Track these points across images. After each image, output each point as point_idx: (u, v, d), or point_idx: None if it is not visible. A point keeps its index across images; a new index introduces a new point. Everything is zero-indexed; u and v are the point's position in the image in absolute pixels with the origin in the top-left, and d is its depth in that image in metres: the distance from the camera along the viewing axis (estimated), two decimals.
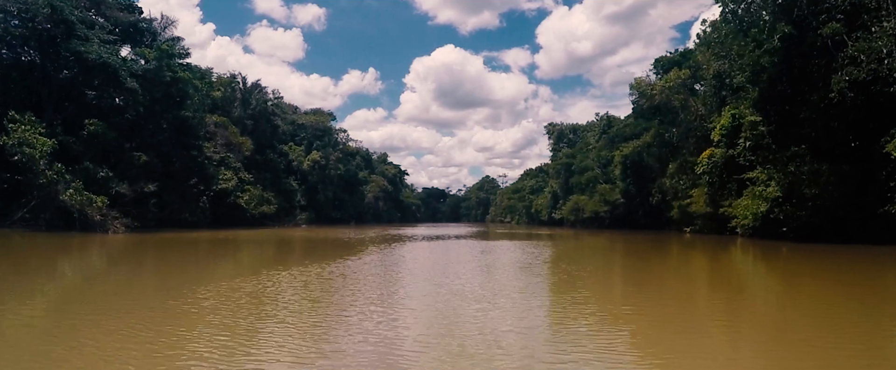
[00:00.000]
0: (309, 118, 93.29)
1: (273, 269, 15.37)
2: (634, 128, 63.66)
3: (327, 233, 47.44)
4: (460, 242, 32.48)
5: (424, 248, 26.04)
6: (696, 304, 11.01)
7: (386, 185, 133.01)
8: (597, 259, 22.75)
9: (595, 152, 78.32)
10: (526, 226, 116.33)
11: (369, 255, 21.24)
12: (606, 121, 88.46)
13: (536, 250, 25.26)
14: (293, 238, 36.68)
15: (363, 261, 18.67)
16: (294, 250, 26.00)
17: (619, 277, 15.92)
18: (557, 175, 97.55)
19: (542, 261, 19.50)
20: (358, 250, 23.78)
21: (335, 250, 24.49)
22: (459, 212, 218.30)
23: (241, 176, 60.42)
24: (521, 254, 23.02)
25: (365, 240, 33.46)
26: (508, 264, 18.10)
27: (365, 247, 25.98)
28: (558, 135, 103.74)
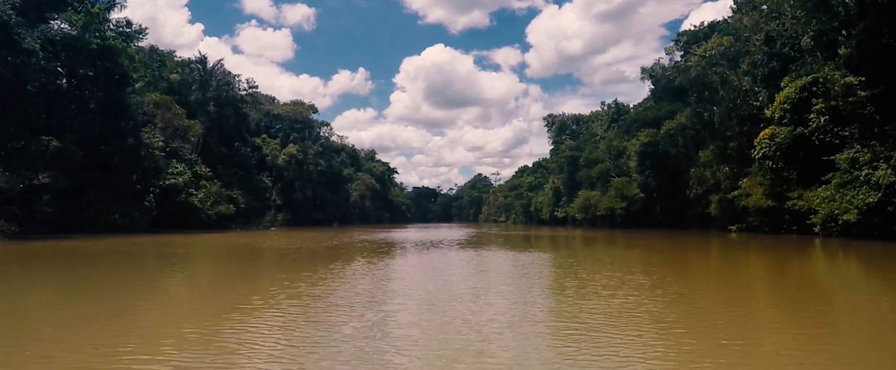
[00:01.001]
0: (286, 108, 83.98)
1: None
2: (655, 112, 55.13)
3: (298, 238, 38.42)
4: (467, 254, 23.52)
5: (420, 267, 17.07)
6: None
7: (373, 183, 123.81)
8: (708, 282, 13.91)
9: (605, 143, 69.79)
10: (523, 225, 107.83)
11: (333, 281, 12.29)
12: (615, 108, 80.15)
13: (589, 265, 16.40)
14: (243, 247, 27.59)
15: (322, 291, 9.70)
16: (217, 269, 16.98)
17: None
18: (560, 170, 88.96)
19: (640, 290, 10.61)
20: (320, 272, 14.84)
21: (283, 270, 15.58)
22: (451, 211, 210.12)
23: (198, 170, 51.12)
24: (563, 270, 14.14)
25: (339, 250, 24.50)
26: (561, 297, 9.20)
27: (332, 264, 17.06)
28: (559, 126, 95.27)
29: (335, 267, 15.78)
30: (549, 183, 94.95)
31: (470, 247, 26.88)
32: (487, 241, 33.09)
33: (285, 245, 27.87)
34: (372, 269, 15.19)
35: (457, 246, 27.42)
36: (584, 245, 29.15)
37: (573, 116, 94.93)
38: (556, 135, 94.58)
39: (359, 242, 30.99)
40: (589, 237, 38.46)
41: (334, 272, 14.28)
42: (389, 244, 29.11)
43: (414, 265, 17.03)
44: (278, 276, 13.44)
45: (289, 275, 13.68)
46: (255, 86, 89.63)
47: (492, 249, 24.62)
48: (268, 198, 75.20)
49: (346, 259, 18.99)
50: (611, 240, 34.94)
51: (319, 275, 13.63)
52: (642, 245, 28.07)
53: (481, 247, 26.97)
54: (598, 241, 33.29)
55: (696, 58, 42.18)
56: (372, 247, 25.98)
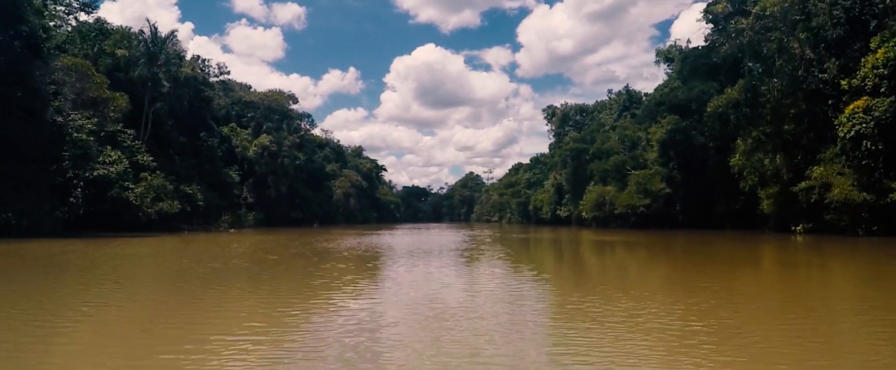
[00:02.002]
0: (259, 96, 74.99)
1: None
2: (686, 92, 47.02)
3: (253, 243, 29.90)
4: (488, 282, 15.27)
5: (416, 323, 8.38)
6: None
7: (359, 180, 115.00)
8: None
9: (617, 132, 61.69)
10: (520, 225, 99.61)
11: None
12: (626, 96, 72.19)
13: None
14: (151, 259, 19.05)
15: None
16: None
17: None
18: (563, 164, 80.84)
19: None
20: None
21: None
22: (441, 211, 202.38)
23: (140, 159, 42.24)
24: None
25: (281, 265, 16.09)
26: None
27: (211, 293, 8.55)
28: (562, 117, 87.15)
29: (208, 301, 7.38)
30: (550, 179, 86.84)
31: (480, 260, 18.57)
32: (497, 249, 24.75)
33: (257, 254, 19.40)
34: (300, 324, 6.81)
35: (461, 259, 19.08)
36: (650, 257, 20.95)
37: (577, 106, 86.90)
38: (557, 126, 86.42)
39: (326, 249, 22.52)
40: (629, 242, 30.13)
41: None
42: (367, 255, 20.66)
43: (403, 310, 8.69)
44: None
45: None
46: (228, 71, 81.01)
47: (518, 269, 16.35)
48: (237, 195, 66.28)
49: (270, 284, 10.61)
50: (668, 247, 26.74)
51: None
52: (739, 259, 19.87)
53: (496, 260, 18.66)
54: (656, 249, 25.01)
55: (750, 20, 33.95)
56: (341, 258, 17.58)
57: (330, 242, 29.34)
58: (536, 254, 22.18)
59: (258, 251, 22.63)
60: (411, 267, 15.77)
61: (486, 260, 18.65)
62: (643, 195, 49.23)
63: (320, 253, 21.16)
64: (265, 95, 74.70)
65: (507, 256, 20.34)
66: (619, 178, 57.26)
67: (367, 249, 23.33)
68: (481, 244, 28.56)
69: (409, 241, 31.27)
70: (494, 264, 17.00)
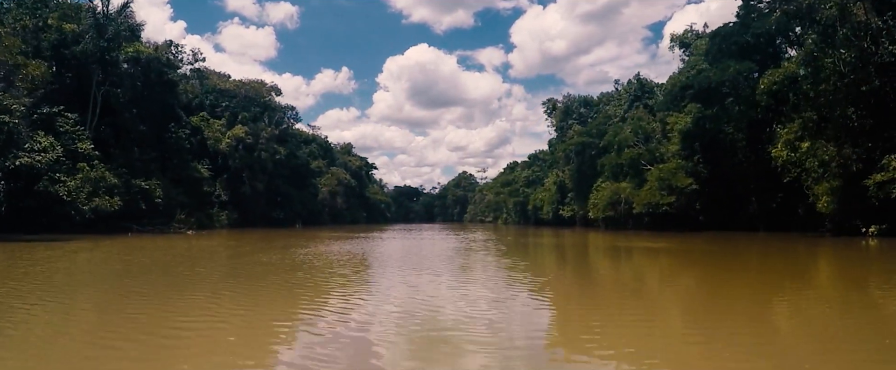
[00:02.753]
0: (234, 83, 68.37)
1: None
2: (718, 74, 41.12)
3: (200, 248, 23.76)
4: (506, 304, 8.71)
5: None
6: None
7: (348, 178, 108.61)
8: None
9: (631, 123, 55.78)
10: (518, 226, 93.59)
11: None
12: (637, 85, 66.36)
13: None
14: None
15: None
16: None
17: None
18: (567, 160, 74.96)
19: None
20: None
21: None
22: (434, 211, 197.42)
23: (80, 147, 35.73)
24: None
25: (213, 281, 9.85)
26: None
27: None
28: (564, 110, 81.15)
29: None
30: (552, 177, 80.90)
31: (497, 283, 12.48)
32: (510, 261, 18.69)
33: (91, 267, 13.12)
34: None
35: (467, 281, 12.98)
36: (732, 278, 15.00)
37: (581, 98, 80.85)
38: (560, 120, 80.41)
39: (283, 261, 16.32)
40: (663, 249, 24.15)
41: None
42: (334, 271, 14.48)
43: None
44: None
45: None
46: (203, 58, 74.33)
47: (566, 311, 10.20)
48: (208, 192, 59.78)
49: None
50: (732, 257, 20.80)
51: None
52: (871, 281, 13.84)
53: (522, 285, 12.58)
54: (717, 260, 19.03)
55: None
56: (287, 278, 11.44)
57: (302, 248, 23.19)
58: (583, 283, 16.16)
59: (185, 262, 16.41)
60: (395, 287, 9.63)
61: (504, 281, 12.54)
62: (667, 192, 43.25)
63: (270, 266, 14.97)
64: (241, 83, 68.11)
65: (529, 273, 14.28)
66: (635, 174, 51.36)
67: (340, 259, 17.19)
68: (487, 253, 22.50)
69: (397, 249, 25.16)
70: (517, 287, 10.93)
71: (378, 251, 22.72)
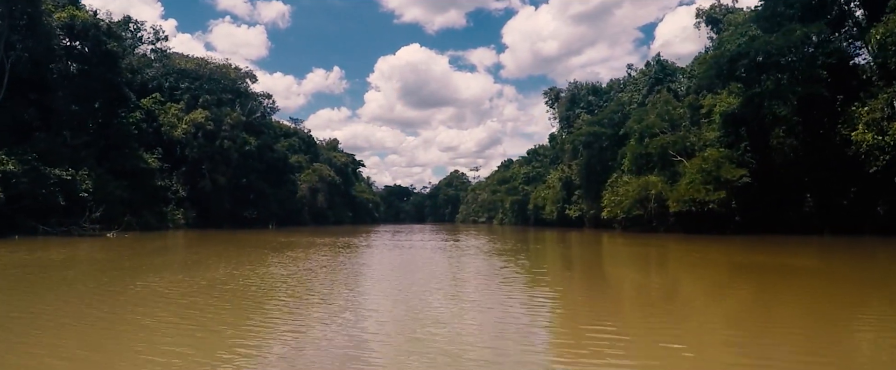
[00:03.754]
0: (196, 62, 59.35)
1: None
2: (781, 41, 33.19)
3: (42, 265, 15.41)
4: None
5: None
6: None
7: (332, 175, 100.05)
8: None
9: (658, 107, 47.85)
10: (515, 227, 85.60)
11: None
12: (658, 67, 58.47)
13: None
14: None
15: None
16: None
17: None
18: (574, 154, 66.94)
19: None
20: None
21: None
22: (425, 211, 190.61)
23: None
24: None
25: None
26: None
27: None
28: (570, 99, 73.15)
29: None
30: (556, 173, 72.86)
31: None
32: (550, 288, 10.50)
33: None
34: None
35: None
36: None
37: (589, 86, 72.82)
38: (566, 108, 72.32)
39: (207, 280, 7.98)
40: (819, 270, 16.15)
41: None
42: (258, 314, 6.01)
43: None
44: None
45: None
46: (165, 37, 65.84)
47: None
48: (161, 186, 51.08)
49: None
50: None
51: None
52: None
53: None
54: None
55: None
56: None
57: (245, 263, 14.94)
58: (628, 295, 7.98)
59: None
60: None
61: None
62: (713, 187, 35.29)
63: (132, 303, 6.70)
64: (204, 62, 59.23)
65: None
66: (663, 166, 43.45)
67: (281, 287, 9.01)
68: (516, 270, 14.39)
69: (380, 263, 16.96)
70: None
71: (353, 269, 14.57)
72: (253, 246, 26.04)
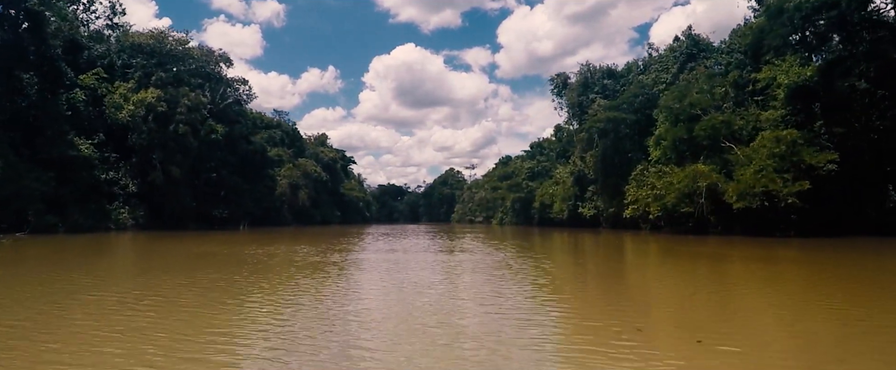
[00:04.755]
0: (152, 36, 50.62)
1: None
2: None
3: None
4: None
5: None
6: None
7: (318, 171, 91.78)
8: None
9: (699, 83, 39.92)
10: (518, 227, 77.57)
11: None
12: (690, 42, 50.53)
13: None
14: None
15: None
16: None
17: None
18: (589, 144, 58.94)
19: None
20: None
21: None
22: (419, 210, 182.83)
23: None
24: None
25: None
26: None
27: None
28: (582, 84, 65.10)
29: None
30: (565, 167, 64.85)
31: None
32: None
33: None
34: None
35: None
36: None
37: (603, 69, 64.78)
38: (578, 94, 64.23)
39: None
40: None
41: None
42: None
43: None
44: None
45: None
46: (123, 11, 57.42)
47: None
48: (104, 179, 42.68)
49: None
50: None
51: None
52: None
53: None
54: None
55: None
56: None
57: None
58: None
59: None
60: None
61: None
62: (791, 175, 27.34)
63: None
64: (161, 34, 50.49)
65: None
66: (710, 154, 35.47)
67: None
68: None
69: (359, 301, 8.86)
70: None
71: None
72: (214, 255, 17.87)
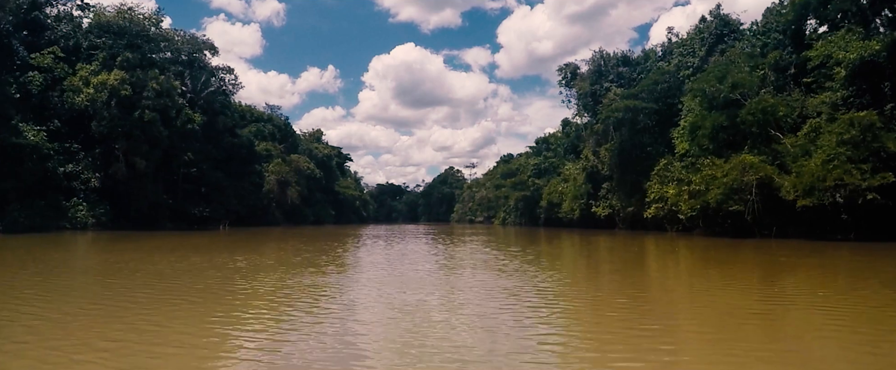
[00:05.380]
0: (119, 15, 45.10)
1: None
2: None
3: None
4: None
5: None
6: None
7: (310, 167, 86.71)
8: None
9: (740, 64, 34.91)
10: (523, 228, 72.52)
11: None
12: (719, 23, 45.45)
13: None
14: None
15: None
16: None
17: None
18: (604, 137, 53.95)
19: None
20: None
21: None
22: (418, 210, 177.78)
23: None
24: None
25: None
26: None
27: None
28: (596, 72, 60.03)
29: None
30: (581, 161, 59.74)
31: None
32: None
33: None
34: None
35: None
36: None
37: (620, 56, 59.69)
38: (590, 84, 59.17)
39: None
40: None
41: None
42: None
43: None
44: None
45: None
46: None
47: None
48: (60, 173, 37.58)
49: None
50: None
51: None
52: None
53: None
54: None
55: None
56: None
57: None
58: None
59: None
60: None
61: None
62: (870, 165, 22.34)
63: None
64: (129, 11, 45.13)
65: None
66: (758, 143, 30.43)
67: None
68: None
69: None
70: None
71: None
72: (168, 260, 12.86)
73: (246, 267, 15.13)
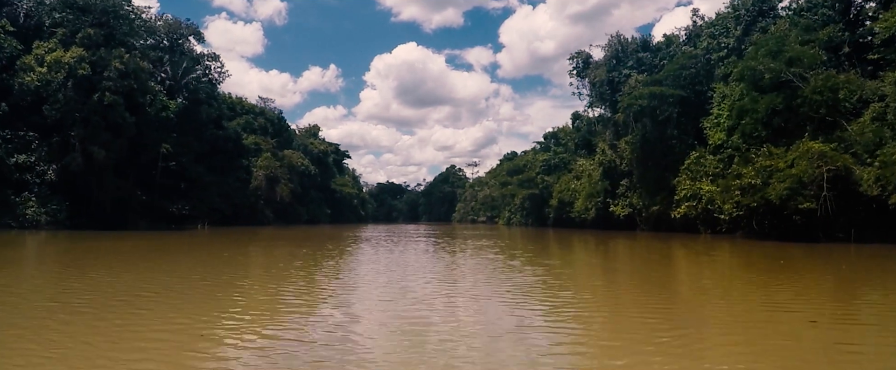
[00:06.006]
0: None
1: None
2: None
3: None
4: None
5: None
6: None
7: (304, 163, 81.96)
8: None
9: (791, 40, 29.94)
10: (532, 229, 67.67)
11: None
12: (756, 2, 40.45)
13: None
14: None
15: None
16: None
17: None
18: (624, 128, 49.04)
19: None
20: None
21: None
22: (419, 209, 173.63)
23: None
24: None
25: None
26: None
27: None
28: (614, 58, 55.08)
29: None
30: (597, 155, 54.69)
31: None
32: None
33: None
34: None
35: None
36: None
37: (638, 41, 54.81)
38: (606, 71, 54.26)
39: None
40: None
41: None
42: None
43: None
44: None
45: None
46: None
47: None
48: (4, 162, 32.72)
49: None
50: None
51: None
52: None
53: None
54: None
55: None
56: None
57: None
58: None
59: None
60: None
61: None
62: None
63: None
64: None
65: None
66: (821, 130, 25.56)
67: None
68: None
69: None
70: None
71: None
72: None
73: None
